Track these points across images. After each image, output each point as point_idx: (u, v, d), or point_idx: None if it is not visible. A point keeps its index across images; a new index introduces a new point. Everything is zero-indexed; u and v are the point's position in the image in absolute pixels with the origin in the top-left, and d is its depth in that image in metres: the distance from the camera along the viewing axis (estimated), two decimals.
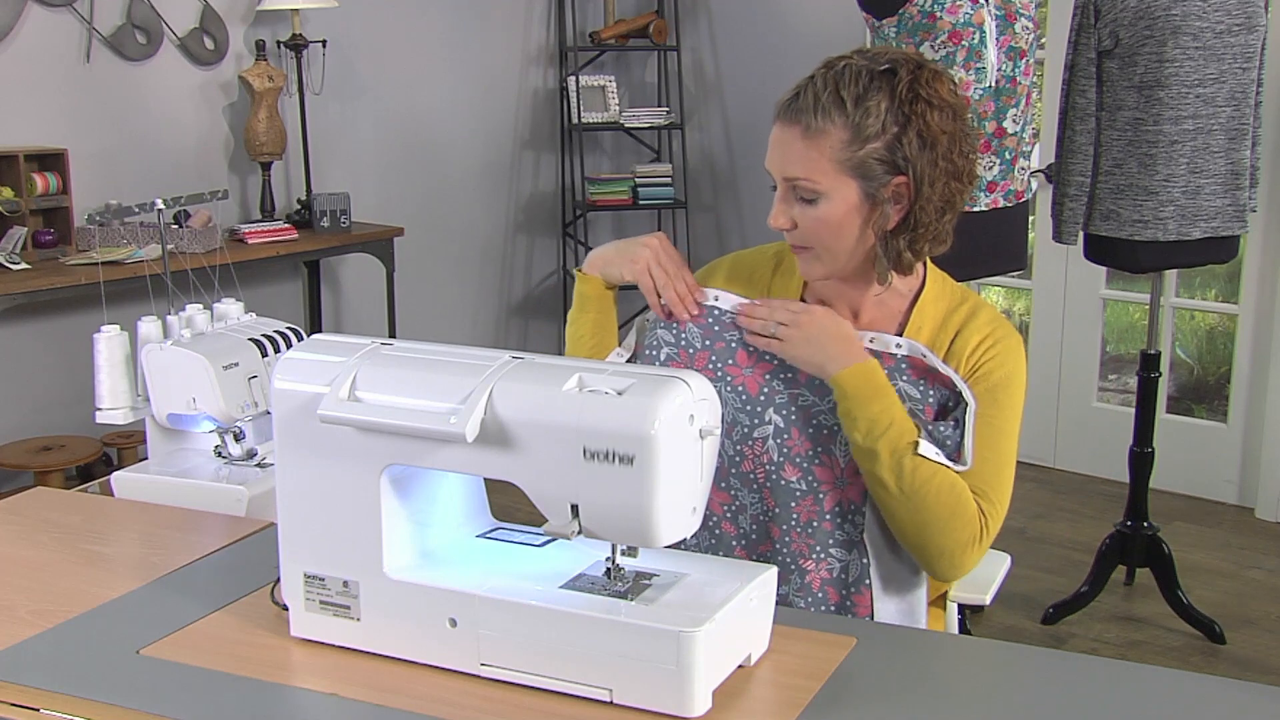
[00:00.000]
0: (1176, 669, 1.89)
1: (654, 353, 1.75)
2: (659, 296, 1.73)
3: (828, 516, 1.65)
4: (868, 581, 1.64)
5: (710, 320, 1.73)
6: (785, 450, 1.66)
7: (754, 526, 1.69)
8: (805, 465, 1.65)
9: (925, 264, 1.72)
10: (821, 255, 1.64)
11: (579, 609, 1.27)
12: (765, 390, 1.68)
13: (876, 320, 1.71)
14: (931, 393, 1.64)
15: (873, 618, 1.65)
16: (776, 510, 1.67)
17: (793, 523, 1.66)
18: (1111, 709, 1.29)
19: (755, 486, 1.68)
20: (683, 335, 1.73)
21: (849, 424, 1.59)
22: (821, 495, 1.65)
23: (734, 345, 1.70)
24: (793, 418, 1.66)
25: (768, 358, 1.68)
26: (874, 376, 1.59)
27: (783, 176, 1.61)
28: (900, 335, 1.68)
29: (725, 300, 1.73)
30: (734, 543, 1.71)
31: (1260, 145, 3.08)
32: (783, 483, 1.66)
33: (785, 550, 1.67)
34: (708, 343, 1.71)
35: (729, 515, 1.71)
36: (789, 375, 1.67)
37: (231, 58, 4.40)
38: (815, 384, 1.65)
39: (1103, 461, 4.43)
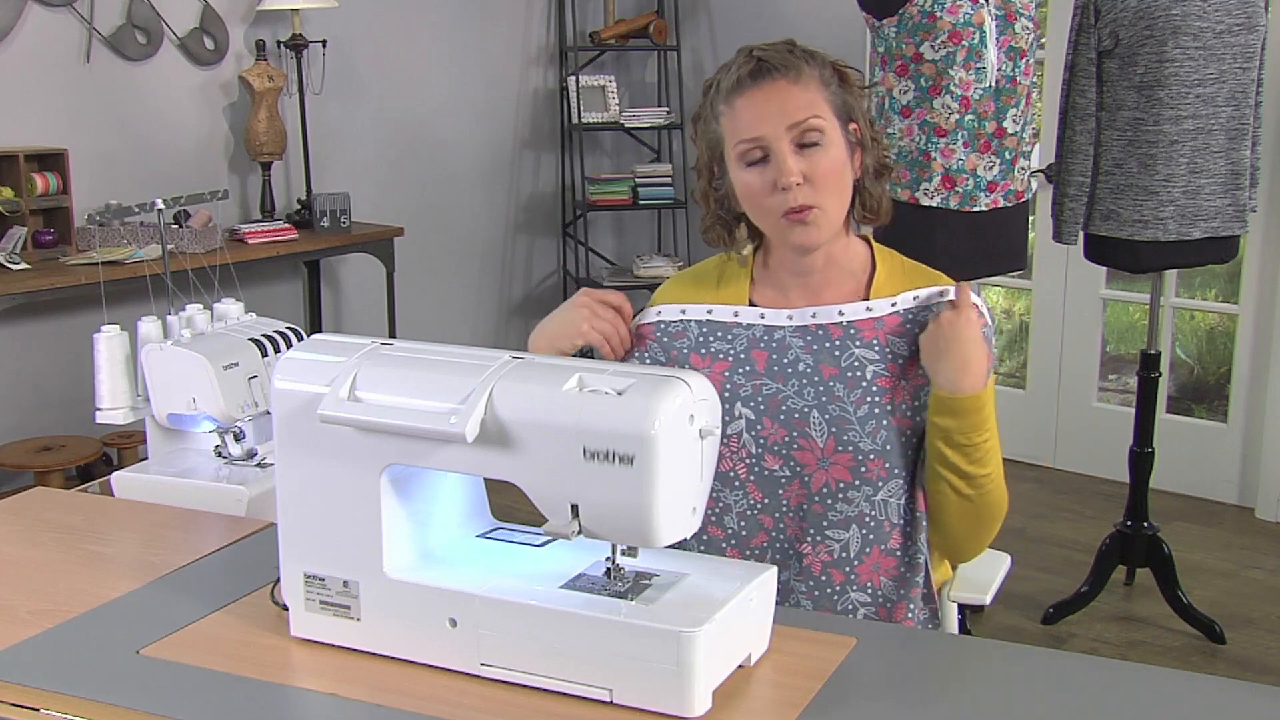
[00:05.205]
0: (1176, 669, 1.90)
1: None
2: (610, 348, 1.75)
3: (815, 499, 1.65)
4: (869, 551, 1.65)
5: (660, 334, 1.76)
6: (762, 441, 1.67)
7: (742, 524, 1.69)
8: (785, 452, 1.66)
9: (872, 246, 1.76)
10: (826, 208, 1.64)
11: (579, 609, 1.27)
12: (728, 386, 1.69)
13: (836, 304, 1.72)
14: (888, 349, 1.66)
15: (882, 589, 1.66)
16: (765, 501, 1.68)
17: (783, 509, 1.67)
18: (1111, 709, 1.29)
19: (738, 484, 1.68)
20: (645, 356, 1.76)
21: (950, 443, 1.61)
22: (806, 478, 1.66)
23: (686, 351, 1.73)
24: (762, 408, 1.67)
25: (723, 355, 1.70)
26: (989, 403, 1.61)
27: (786, 126, 1.61)
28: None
29: (667, 313, 1.77)
30: (723, 545, 1.71)
31: (1260, 145, 3.08)
32: (765, 472, 1.67)
33: (781, 537, 1.68)
34: (663, 359, 1.75)
35: (714, 519, 1.71)
36: (747, 368, 1.69)
37: (231, 58, 4.40)
38: (775, 370, 1.68)
39: (1103, 461, 4.42)
